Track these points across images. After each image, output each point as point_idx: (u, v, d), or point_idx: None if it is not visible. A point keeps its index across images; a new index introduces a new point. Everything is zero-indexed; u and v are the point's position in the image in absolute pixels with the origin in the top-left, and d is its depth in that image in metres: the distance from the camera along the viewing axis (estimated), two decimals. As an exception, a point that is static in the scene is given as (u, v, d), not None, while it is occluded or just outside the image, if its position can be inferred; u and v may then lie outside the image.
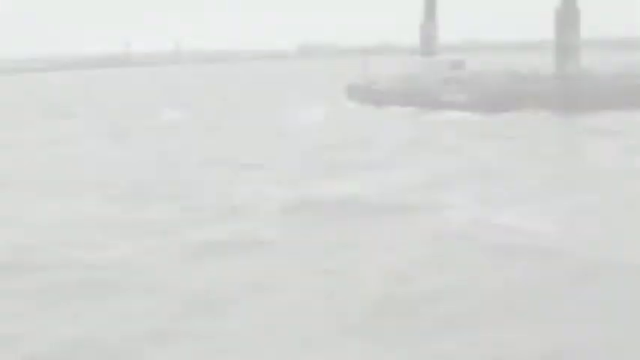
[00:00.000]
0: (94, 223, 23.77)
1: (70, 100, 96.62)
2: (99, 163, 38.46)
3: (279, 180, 30.65)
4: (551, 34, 63.92)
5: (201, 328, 14.33)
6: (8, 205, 27.45)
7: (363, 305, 15.21)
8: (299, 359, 13.05)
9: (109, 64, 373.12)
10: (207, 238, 21.46)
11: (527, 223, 21.54)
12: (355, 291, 16.13)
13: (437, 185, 28.67)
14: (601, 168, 32.11)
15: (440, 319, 14.22)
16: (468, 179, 29.69)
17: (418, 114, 59.09)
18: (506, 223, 21.65)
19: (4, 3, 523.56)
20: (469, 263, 18.37)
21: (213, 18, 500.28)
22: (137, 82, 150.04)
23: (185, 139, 48.77)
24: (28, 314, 15.40)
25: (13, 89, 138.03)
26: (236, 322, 14.65)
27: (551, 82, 61.80)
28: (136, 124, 58.82)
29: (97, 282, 17.37)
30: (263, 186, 29.10)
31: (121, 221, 24.15)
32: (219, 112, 68.05)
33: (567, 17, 61.03)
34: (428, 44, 76.28)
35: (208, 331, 14.10)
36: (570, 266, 17.54)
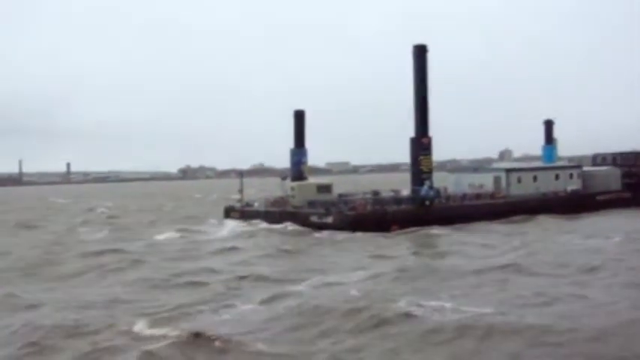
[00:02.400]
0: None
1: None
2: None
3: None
4: (407, 158, 65.45)
5: None
6: None
7: None
8: None
9: (2, 183, 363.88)
10: None
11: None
12: None
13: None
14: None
15: None
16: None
17: (289, 234, 58.47)
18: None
19: None
20: None
21: (101, 143, 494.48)
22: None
23: None
24: None
25: None
26: None
27: (408, 204, 63.15)
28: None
29: None
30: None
31: None
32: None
33: (420, 145, 62.76)
34: (297, 168, 76.86)
35: None
36: None
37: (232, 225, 65.93)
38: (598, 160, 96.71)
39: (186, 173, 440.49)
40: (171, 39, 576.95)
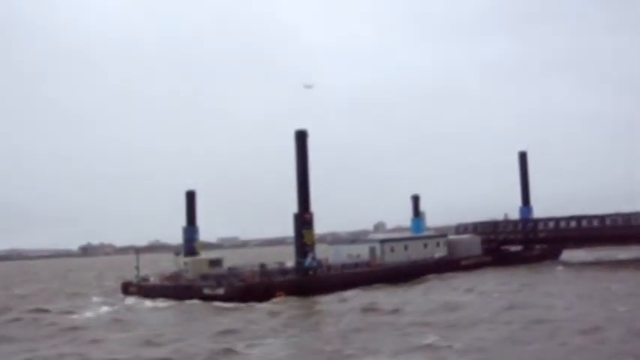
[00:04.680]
0: None
1: None
2: None
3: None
4: (292, 232, 66.15)
5: None
6: None
7: None
8: None
9: None
10: None
11: None
12: None
13: None
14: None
15: None
16: None
17: (183, 305, 57.58)
18: None
19: None
20: None
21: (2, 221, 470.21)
22: None
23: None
24: None
25: None
26: None
27: (293, 274, 63.88)
28: None
29: None
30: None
31: None
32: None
33: (303, 220, 63.79)
34: (190, 244, 76.75)
35: None
36: None
37: (129, 301, 64.55)
38: (461, 229, 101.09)
39: (86, 250, 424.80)
40: (69, 118, 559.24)
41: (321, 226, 70.97)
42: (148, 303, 60.98)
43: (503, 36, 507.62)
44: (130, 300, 64.86)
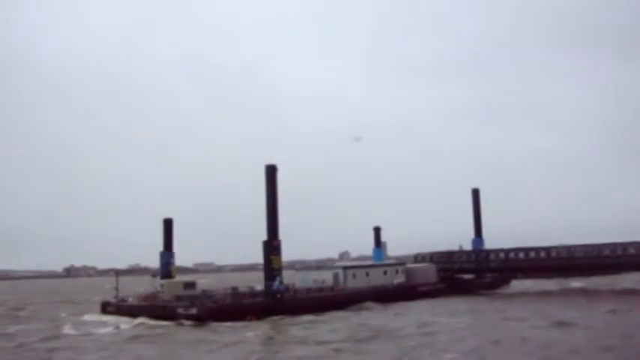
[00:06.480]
0: None
1: None
2: None
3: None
4: (261, 259, 67.62)
5: None
6: None
7: None
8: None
9: None
10: None
11: None
12: None
13: None
14: None
15: None
16: None
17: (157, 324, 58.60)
18: None
19: None
20: None
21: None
22: None
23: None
24: None
25: None
26: None
27: (262, 297, 65.37)
28: None
29: None
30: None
31: None
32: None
33: (271, 247, 65.44)
34: (167, 268, 77.90)
35: None
36: None
37: (109, 318, 65.33)
38: (418, 258, 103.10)
39: (70, 272, 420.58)
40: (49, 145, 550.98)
41: (290, 254, 72.61)
42: (125, 322, 61.80)
43: (456, 79, 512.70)
44: (108, 318, 65.56)
